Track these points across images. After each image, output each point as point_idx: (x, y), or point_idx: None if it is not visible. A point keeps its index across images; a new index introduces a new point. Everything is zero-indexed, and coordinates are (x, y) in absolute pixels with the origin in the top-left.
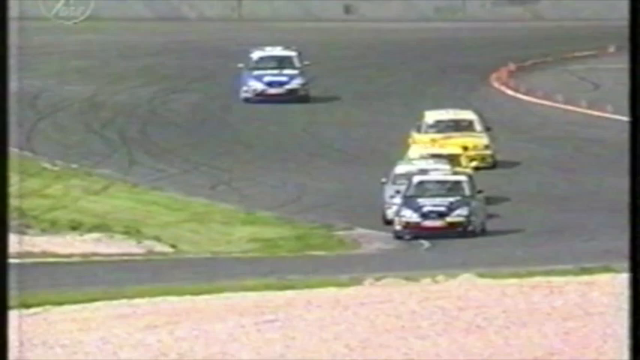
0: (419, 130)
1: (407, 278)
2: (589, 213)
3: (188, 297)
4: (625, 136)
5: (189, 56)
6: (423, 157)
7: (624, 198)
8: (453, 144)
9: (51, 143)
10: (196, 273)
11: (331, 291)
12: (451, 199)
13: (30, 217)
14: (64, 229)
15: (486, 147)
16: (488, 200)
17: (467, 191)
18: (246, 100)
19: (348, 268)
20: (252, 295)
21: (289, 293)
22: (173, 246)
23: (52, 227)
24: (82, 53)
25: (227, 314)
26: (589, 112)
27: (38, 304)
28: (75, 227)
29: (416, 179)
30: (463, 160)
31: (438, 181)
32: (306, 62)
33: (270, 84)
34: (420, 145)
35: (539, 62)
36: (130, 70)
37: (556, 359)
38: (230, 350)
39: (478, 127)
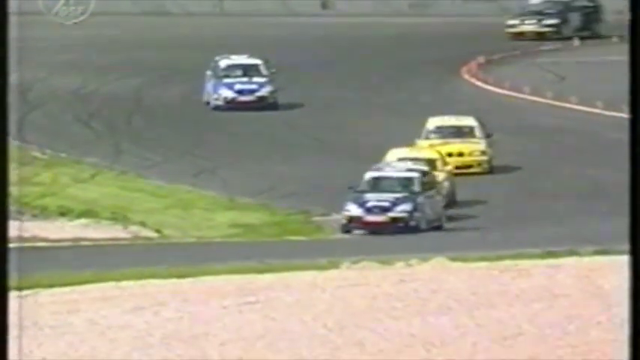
0: (420, 136)
1: (382, 262)
2: (560, 203)
3: (173, 280)
4: (589, 126)
5: (172, 50)
6: (401, 160)
7: (597, 188)
8: (446, 149)
9: (41, 133)
10: (180, 257)
11: (310, 274)
12: (397, 195)
13: (21, 203)
14: (54, 215)
15: (482, 153)
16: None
17: (416, 188)
18: (217, 107)
19: (325, 253)
20: (234, 278)
21: (269, 276)
22: (158, 231)
23: (43, 213)
24: (71, 47)
25: (210, 296)
26: (554, 102)
27: (29, 287)
28: (64, 213)
29: (367, 176)
30: (439, 164)
31: (389, 178)
32: (272, 70)
33: (240, 92)
34: (398, 149)
35: (507, 56)
36: (116, 63)
37: (523, 339)
38: (213, 330)
39: (478, 133)
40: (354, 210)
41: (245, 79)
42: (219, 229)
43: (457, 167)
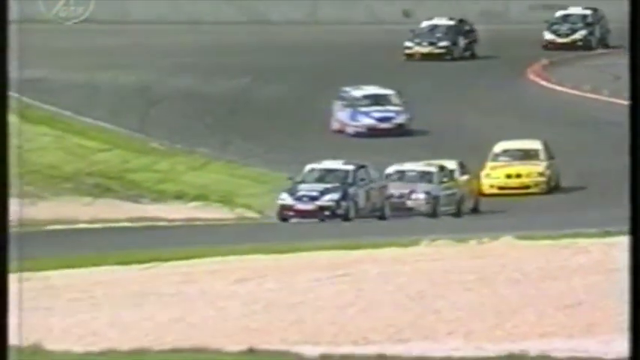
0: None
1: (457, 240)
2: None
3: (273, 255)
4: None
5: (273, 54)
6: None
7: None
8: (505, 172)
9: (160, 126)
10: (280, 235)
11: (393, 250)
12: (327, 185)
13: (143, 188)
14: (171, 198)
15: (540, 174)
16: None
17: (349, 180)
18: (358, 134)
19: (407, 232)
20: (327, 254)
21: (358, 252)
22: (260, 212)
23: (161, 197)
24: (184, 52)
25: (306, 270)
26: (611, 100)
27: (150, 260)
28: (179, 197)
29: (307, 168)
30: (456, 174)
31: (326, 170)
32: (404, 100)
33: (380, 119)
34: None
35: (568, 58)
36: (224, 66)
37: (582, 308)
38: (308, 299)
39: (542, 156)
40: (286, 199)
41: (381, 108)
42: None
43: (516, 188)
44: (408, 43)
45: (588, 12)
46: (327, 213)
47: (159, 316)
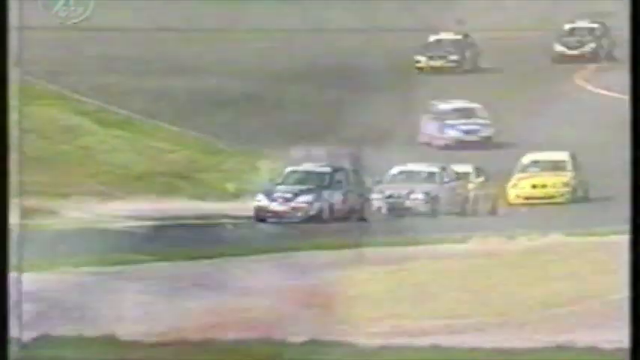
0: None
1: (507, 237)
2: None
3: (335, 250)
4: None
5: (332, 59)
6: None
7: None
8: (531, 182)
9: (225, 128)
10: (341, 232)
11: (447, 246)
12: (302, 187)
13: (209, 187)
14: (236, 197)
15: (565, 184)
16: None
17: (326, 182)
18: (446, 147)
19: (460, 229)
20: (383, 250)
21: (414, 248)
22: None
23: (226, 195)
24: (249, 57)
25: (363, 265)
26: None
27: (215, 256)
28: (243, 195)
29: (287, 169)
30: (471, 177)
31: (303, 172)
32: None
33: (467, 132)
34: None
35: (615, 63)
36: (285, 72)
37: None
38: (367, 291)
39: (569, 167)
40: (262, 200)
41: (468, 121)
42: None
43: (541, 198)
44: (419, 57)
45: (596, 25)
46: (299, 214)
47: (225, 308)
